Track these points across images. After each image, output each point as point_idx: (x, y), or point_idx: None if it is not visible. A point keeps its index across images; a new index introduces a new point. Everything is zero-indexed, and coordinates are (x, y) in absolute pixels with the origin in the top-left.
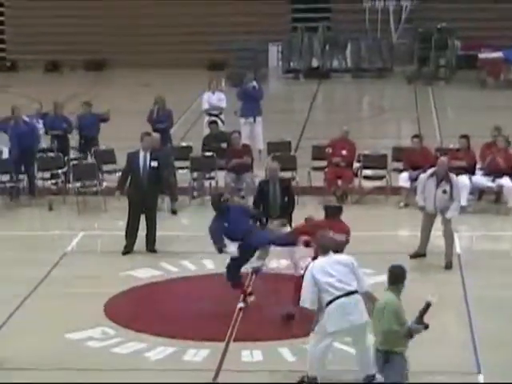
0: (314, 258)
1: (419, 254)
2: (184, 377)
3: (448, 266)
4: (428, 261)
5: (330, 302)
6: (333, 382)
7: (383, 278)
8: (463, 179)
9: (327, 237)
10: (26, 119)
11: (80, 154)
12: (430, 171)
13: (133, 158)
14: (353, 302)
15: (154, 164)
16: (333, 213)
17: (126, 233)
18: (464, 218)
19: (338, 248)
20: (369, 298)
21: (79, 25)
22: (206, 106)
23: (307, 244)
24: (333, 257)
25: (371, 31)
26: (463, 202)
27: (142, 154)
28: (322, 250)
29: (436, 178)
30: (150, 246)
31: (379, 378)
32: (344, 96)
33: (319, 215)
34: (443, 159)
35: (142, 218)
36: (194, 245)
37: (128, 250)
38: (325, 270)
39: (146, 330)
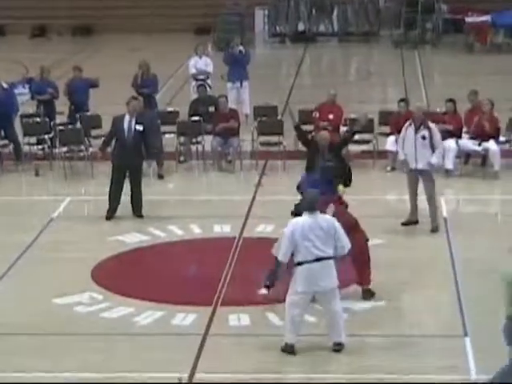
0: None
1: (411, 222)
2: (172, 341)
3: (434, 230)
4: (419, 226)
5: (300, 263)
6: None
7: (372, 242)
8: (449, 143)
9: (314, 195)
10: (5, 85)
11: (70, 119)
12: (408, 122)
13: (118, 121)
14: (322, 268)
15: (140, 128)
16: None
17: (109, 197)
18: (450, 182)
19: None
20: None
21: None
22: (192, 70)
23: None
24: (317, 219)
25: None
26: (449, 166)
27: (127, 118)
28: (308, 206)
29: (414, 126)
30: (137, 211)
31: None
32: (330, 60)
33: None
34: (418, 105)
35: (127, 183)
36: (180, 209)
37: (111, 214)
38: (304, 234)
39: (133, 294)
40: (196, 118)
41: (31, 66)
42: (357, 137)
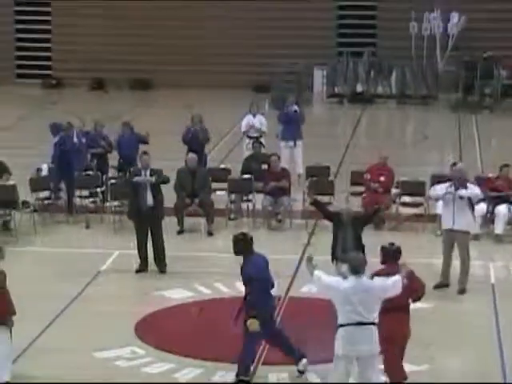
0: None
1: (443, 284)
2: None
3: (461, 292)
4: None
5: (341, 325)
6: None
7: (417, 305)
8: (501, 208)
9: (359, 258)
10: (76, 140)
11: (118, 173)
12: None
13: (133, 176)
14: (362, 333)
15: (151, 179)
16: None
17: (139, 251)
18: (500, 248)
19: None
20: None
21: (125, 44)
22: (244, 128)
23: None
24: (362, 282)
25: (417, 58)
26: (499, 231)
27: (142, 172)
28: (352, 270)
29: (454, 186)
30: (160, 266)
31: None
32: (387, 122)
33: None
34: (458, 166)
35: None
36: (228, 267)
37: (142, 267)
38: (347, 297)
39: (175, 350)
40: (247, 176)
41: (88, 118)
42: (408, 199)
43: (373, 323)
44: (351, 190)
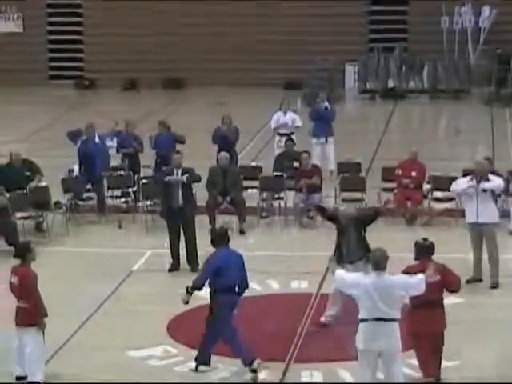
0: None
1: (475, 279)
2: None
3: (494, 286)
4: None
5: (362, 320)
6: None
7: (450, 300)
8: None
9: (381, 253)
10: (97, 141)
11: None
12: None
13: (164, 175)
14: (382, 329)
15: (183, 179)
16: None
17: (171, 250)
18: None
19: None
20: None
21: (157, 43)
22: (274, 124)
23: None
24: (383, 279)
25: (448, 52)
26: None
27: (174, 172)
28: (374, 265)
29: (475, 180)
30: (193, 266)
31: None
32: (420, 117)
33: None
34: (478, 159)
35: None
36: (260, 264)
37: (174, 267)
38: (368, 293)
39: None
40: (279, 174)
41: (121, 119)
42: (440, 194)
43: (394, 319)
44: (382, 186)
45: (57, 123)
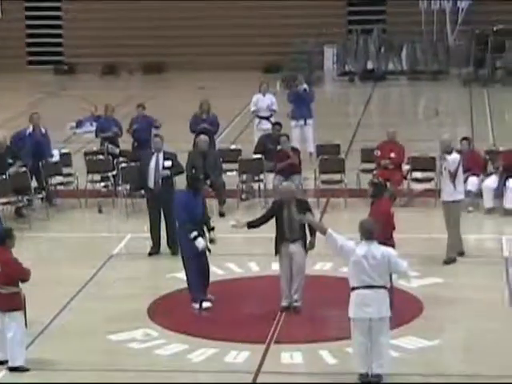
0: None
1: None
2: (225, 378)
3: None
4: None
5: (353, 288)
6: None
7: (429, 280)
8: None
9: (370, 222)
10: (43, 130)
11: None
12: None
13: (145, 158)
14: (372, 295)
15: (168, 164)
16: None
17: (151, 234)
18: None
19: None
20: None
21: (137, 28)
22: (253, 107)
23: None
24: (371, 248)
25: (427, 33)
26: (509, 205)
27: (154, 155)
28: (365, 235)
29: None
30: (173, 248)
31: None
32: (399, 99)
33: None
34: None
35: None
36: (240, 247)
37: (155, 250)
38: (359, 261)
39: (188, 331)
40: (258, 156)
41: (100, 103)
42: (419, 175)
43: (383, 286)
44: (362, 167)
45: (36, 109)
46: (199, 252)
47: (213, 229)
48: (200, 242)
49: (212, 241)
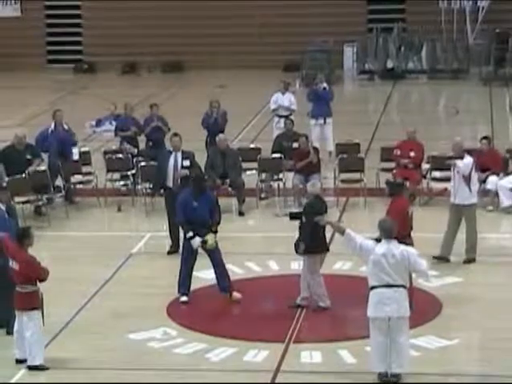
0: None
1: (442, 257)
2: (243, 377)
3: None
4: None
5: (372, 287)
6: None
7: (449, 280)
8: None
9: (390, 221)
10: (66, 127)
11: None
12: None
13: (164, 158)
14: (391, 294)
15: (186, 163)
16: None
17: (170, 232)
18: None
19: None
20: None
21: (156, 26)
22: (273, 106)
23: None
24: (392, 248)
25: (447, 32)
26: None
27: (172, 154)
28: (384, 234)
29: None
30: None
31: None
32: (419, 97)
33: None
34: (456, 141)
35: None
36: (259, 246)
37: (174, 249)
38: (379, 260)
39: (207, 330)
40: (277, 155)
41: (120, 102)
42: (438, 174)
43: (402, 285)
44: (381, 166)
45: (56, 107)
46: (193, 252)
47: (215, 232)
48: (195, 242)
49: (205, 242)
